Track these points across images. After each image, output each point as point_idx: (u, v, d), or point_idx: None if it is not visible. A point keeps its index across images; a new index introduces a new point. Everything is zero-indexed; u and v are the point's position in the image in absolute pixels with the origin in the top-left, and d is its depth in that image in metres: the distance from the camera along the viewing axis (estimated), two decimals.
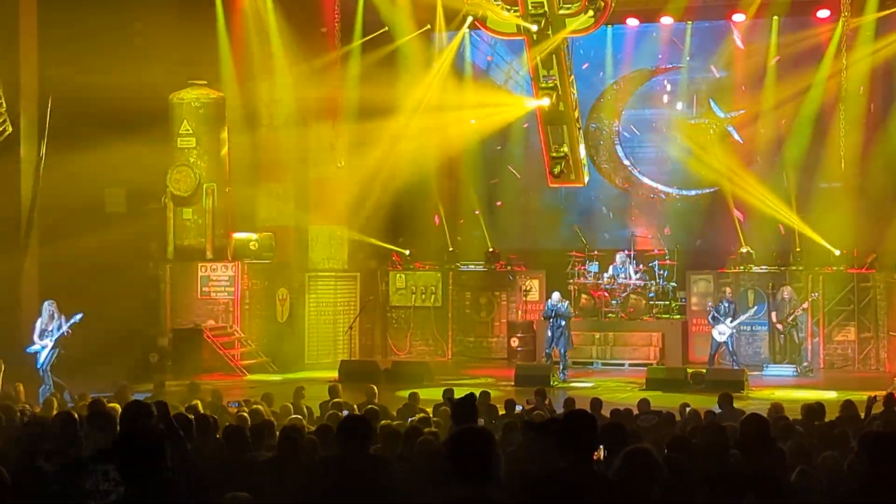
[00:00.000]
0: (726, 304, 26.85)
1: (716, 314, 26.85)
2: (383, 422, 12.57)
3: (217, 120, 29.01)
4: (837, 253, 28.49)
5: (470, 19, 30.17)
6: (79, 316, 22.58)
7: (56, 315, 22.65)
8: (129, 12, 27.62)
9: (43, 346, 22.46)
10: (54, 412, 13.64)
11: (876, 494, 7.25)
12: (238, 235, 29.09)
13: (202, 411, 13.67)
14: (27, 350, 22.81)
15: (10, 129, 26.44)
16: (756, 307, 27.95)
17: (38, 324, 22.67)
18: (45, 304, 22.96)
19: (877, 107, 29.04)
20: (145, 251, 30.08)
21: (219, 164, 28.99)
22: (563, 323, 26.31)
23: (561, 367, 26.36)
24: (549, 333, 26.55)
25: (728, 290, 27.73)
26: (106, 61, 27.39)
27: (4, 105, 26.25)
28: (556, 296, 26.78)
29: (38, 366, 22.45)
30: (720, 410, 16.17)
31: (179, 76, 28.65)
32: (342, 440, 8.74)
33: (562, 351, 26.47)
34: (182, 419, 11.27)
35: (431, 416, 14.70)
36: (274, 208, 30.77)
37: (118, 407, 13.19)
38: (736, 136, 31.68)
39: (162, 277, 28.60)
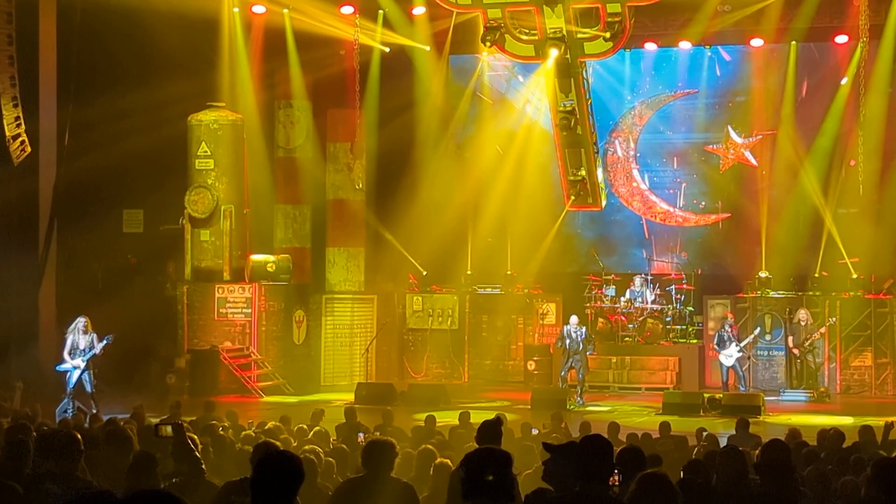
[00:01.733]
0: (728, 330, 26.70)
1: (721, 340, 26.70)
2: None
3: (235, 142, 29.06)
4: (855, 276, 28.43)
5: (489, 44, 30.22)
6: (110, 337, 22.68)
7: (87, 333, 22.68)
8: (148, 34, 27.70)
9: (74, 367, 22.47)
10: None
11: None
12: (255, 257, 29.12)
13: (220, 432, 13.67)
14: (57, 368, 22.87)
15: (30, 150, 26.55)
16: (758, 330, 27.87)
17: (69, 341, 22.69)
18: (80, 319, 23.01)
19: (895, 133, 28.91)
20: (163, 272, 30.20)
21: (237, 185, 29.04)
22: (582, 347, 26.30)
23: (578, 391, 26.41)
24: (565, 356, 26.59)
25: (730, 315, 27.55)
26: (125, 83, 27.60)
27: (24, 125, 26.36)
28: (574, 319, 26.75)
29: (70, 386, 22.47)
30: (735, 434, 16.18)
31: (198, 98, 28.75)
32: (367, 462, 8.76)
33: (580, 375, 26.47)
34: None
35: (447, 439, 14.71)
36: (291, 230, 30.88)
37: (134, 428, 13.22)
38: (753, 161, 31.68)
39: (179, 299, 28.64)
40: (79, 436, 10.04)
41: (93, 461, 9.83)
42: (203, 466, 10.22)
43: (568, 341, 26.30)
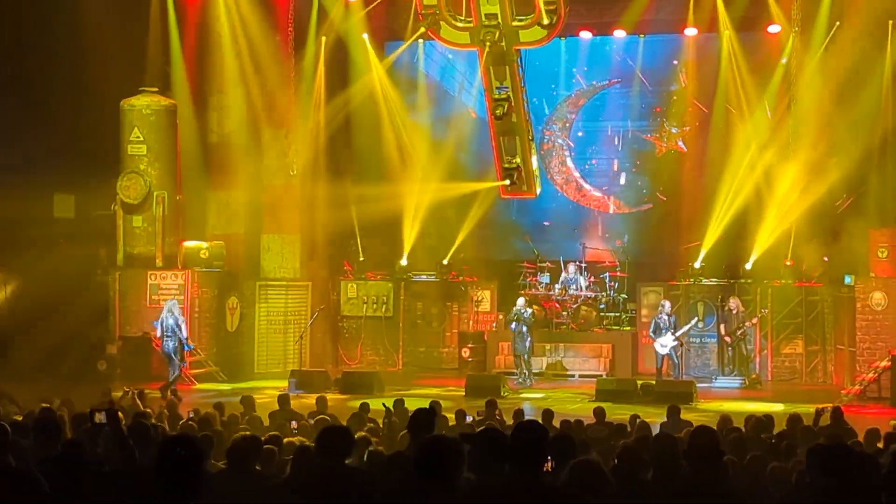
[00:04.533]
0: (665, 318, 26.93)
1: (657, 327, 26.95)
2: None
3: (168, 127, 28.82)
4: (788, 263, 28.67)
5: (423, 29, 30.20)
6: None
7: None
8: (80, 17, 27.39)
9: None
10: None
11: None
12: (188, 243, 28.92)
13: (152, 421, 13.56)
14: (189, 348, 25.11)
15: None
16: (695, 319, 28.06)
17: (183, 323, 24.92)
18: (175, 303, 25.22)
19: (825, 122, 29.04)
20: (94, 258, 29.88)
21: (169, 171, 28.82)
22: (525, 329, 26.65)
23: (527, 373, 27.17)
24: (513, 338, 27.12)
25: (667, 303, 27.69)
26: (56, 66, 27.31)
27: None
28: (520, 301, 27.36)
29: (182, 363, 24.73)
30: (666, 421, 16.27)
31: (130, 83, 28.48)
32: (322, 451, 8.69)
33: (526, 356, 26.91)
34: (140, 428, 11.19)
35: (381, 426, 14.68)
36: (224, 216, 30.65)
37: (66, 416, 13.09)
38: (683, 148, 31.88)
39: (111, 285, 28.38)
40: (7, 426, 9.91)
41: (20, 450, 9.68)
42: (135, 454, 10.13)
43: (514, 323, 26.90)
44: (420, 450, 6.16)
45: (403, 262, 31.73)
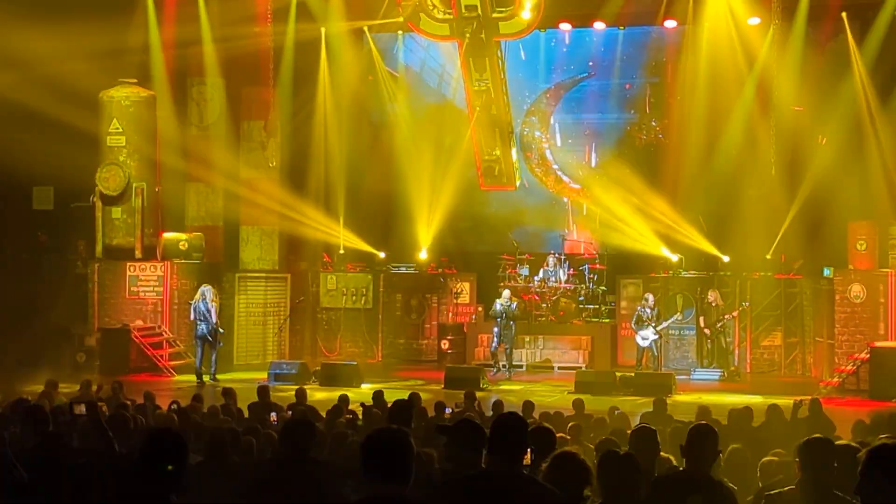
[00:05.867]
0: (649, 311, 27.01)
1: (639, 319, 27.03)
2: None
3: (147, 118, 28.77)
4: (768, 257, 28.71)
5: (402, 20, 30.20)
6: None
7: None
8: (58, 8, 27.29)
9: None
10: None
11: (812, 497, 7.35)
12: (167, 235, 28.90)
13: (132, 412, 13.55)
14: (220, 332, 26.10)
15: None
16: (677, 315, 28.07)
17: (214, 308, 26.01)
18: (208, 288, 26.31)
19: (806, 112, 29.10)
20: (73, 250, 29.82)
21: (148, 162, 28.77)
22: (513, 322, 27.02)
23: (507, 365, 27.31)
24: (497, 331, 27.32)
25: (651, 296, 27.72)
26: (35, 57, 27.16)
27: None
28: (506, 294, 27.59)
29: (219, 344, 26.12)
30: (649, 412, 16.32)
31: (109, 74, 28.39)
32: (284, 443, 8.68)
33: (507, 350, 27.05)
34: (119, 419, 11.19)
35: (360, 418, 14.69)
36: (203, 208, 30.62)
37: (46, 405, 13.08)
38: (665, 141, 31.89)
39: (90, 277, 28.32)
40: None
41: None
42: (115, 445, 10.12)
43: (500, 317, 27.14)
44: (362, 444, 6.13)
45: (382, 254, 31.76)
